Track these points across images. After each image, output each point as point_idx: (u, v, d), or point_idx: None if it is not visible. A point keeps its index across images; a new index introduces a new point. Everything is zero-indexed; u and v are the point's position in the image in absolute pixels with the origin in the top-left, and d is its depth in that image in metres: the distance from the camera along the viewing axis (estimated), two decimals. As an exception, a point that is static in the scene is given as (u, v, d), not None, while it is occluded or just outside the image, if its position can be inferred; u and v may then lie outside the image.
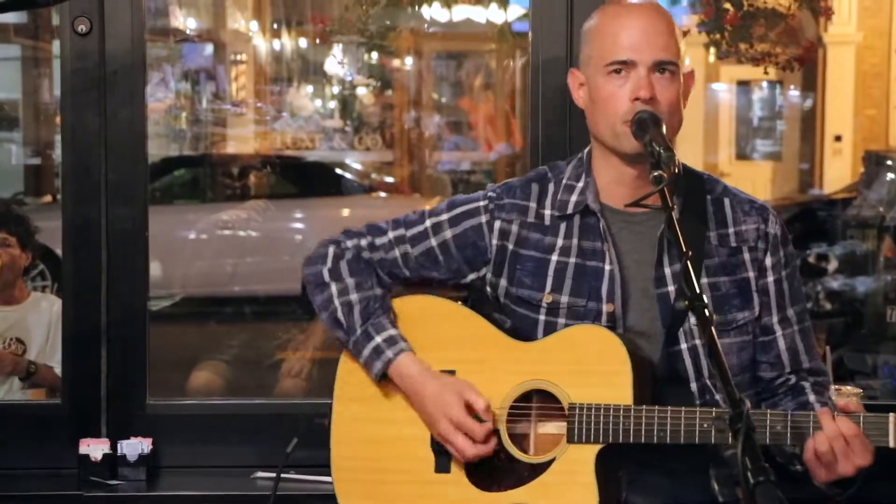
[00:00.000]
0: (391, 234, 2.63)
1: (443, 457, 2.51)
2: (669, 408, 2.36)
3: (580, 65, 2.58)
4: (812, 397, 2.53)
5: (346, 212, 9.84)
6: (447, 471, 2.50)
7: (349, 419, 2.60)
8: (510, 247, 2.57)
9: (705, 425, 2.34)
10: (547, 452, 2.44)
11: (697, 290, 2.14)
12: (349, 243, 2.64)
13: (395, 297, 2.64)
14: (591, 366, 2.42)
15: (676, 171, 2.42)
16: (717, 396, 2.47)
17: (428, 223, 2.63)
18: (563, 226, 2.55)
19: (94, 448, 3.11)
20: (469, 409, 2.45)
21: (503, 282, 2.57)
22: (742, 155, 14.50)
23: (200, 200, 10.02)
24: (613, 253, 2.50)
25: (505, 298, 2.57)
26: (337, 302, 2.58)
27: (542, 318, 2.52)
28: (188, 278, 8.66)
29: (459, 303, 2.66)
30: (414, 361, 2.53)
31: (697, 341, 2.48)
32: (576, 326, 2.48)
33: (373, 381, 2.57)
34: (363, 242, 2.63)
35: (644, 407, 2.37)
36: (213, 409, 3.36)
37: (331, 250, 2.63)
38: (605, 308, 2.49)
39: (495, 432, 2.47)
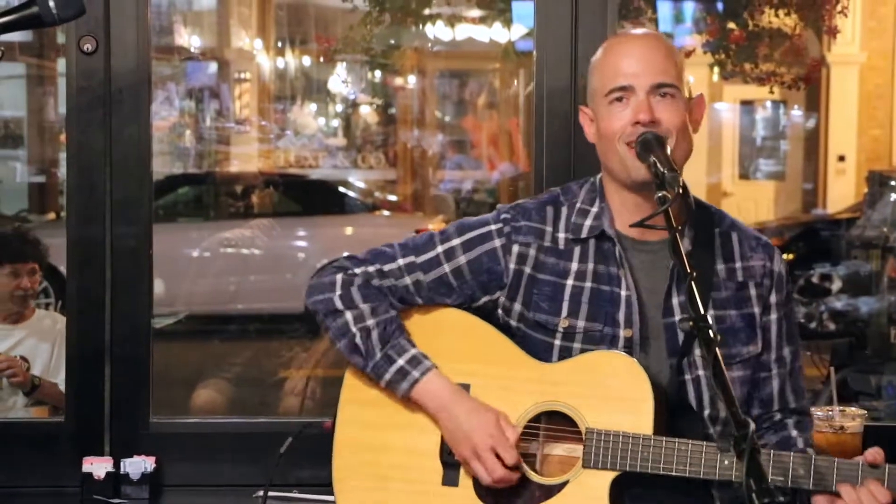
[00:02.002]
0: (401, 261, 2.59)
1: (452, 469, 2.49)
2: (690, 441, 2.35)
3: (588, 100, 2.58)
4: (794, 433, 2.53)
5: (349, 230, 9.85)
6: (455, 484, 2.47)
7: (354, 424, 2.57)
8: (527, 271, 2.55)
9: (726, 462, 2.33)
10: (556, 474, 2.42)
11: (702, 311, 2.14)
12: (357, 270, 2.59)
13: (417, 307, 2.60)
14: (612, 392, 2.41)
15: (688, 202, 2.44)
16: (711, 430, 2.47)
17: (440, 249, 2.59)
18: (577, 250, 2.54)
19: (98, 466, 3.10)
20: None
21: (518, 306, 2.55)
22: (745, 174, 14.50)
23: (204, 218, 10.03)
24: (630, 279, 2.50)
25: (518, 322, 2.55)
26: (354, 328, 2.55)
27: (557, 342, 2.51)
28: (192, 296, 8.66)
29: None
30: (442, 379, 2.50)
31: (700, 372, 2.48)
32: (598, 352, 2.46)
33: (381, 389, 2.55)
34: (371, 269, 2.59)
35: (664, 438, 2.36)
36: (216, 428, 3.35)
37: (339, 277, 2.59)
38: (623, 333, 2.47)
39: None
